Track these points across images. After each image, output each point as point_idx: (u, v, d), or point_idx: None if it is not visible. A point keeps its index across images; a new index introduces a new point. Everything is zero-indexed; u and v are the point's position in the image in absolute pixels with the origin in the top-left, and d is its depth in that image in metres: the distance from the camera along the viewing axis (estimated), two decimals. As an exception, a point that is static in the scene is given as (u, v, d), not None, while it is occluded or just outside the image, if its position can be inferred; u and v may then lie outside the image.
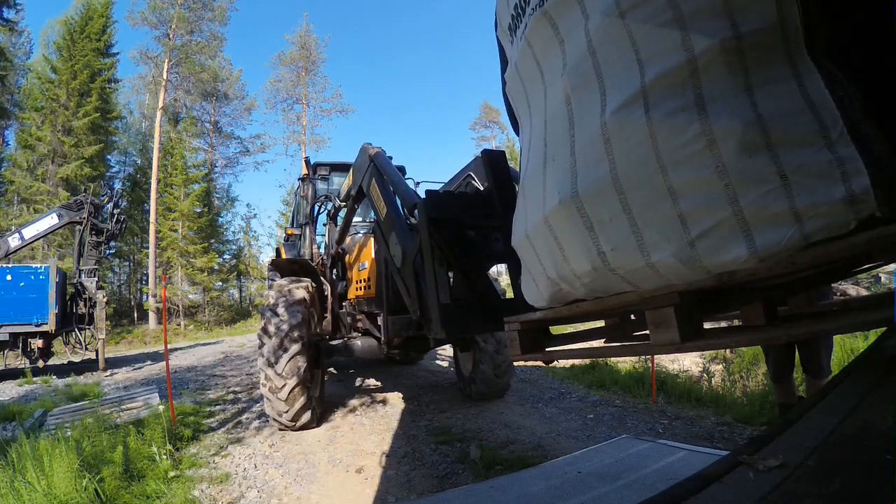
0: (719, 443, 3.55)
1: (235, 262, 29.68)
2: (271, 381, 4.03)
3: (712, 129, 0.76)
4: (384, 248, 2.96)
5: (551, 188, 1.10)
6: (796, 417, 0.74)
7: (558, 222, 1.09)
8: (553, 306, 1.33)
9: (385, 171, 3.03)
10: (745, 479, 0.61)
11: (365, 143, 3.39)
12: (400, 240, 2.66)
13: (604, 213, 0.96)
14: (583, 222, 1.00)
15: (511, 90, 1.45)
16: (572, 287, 1.16)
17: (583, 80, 0.98)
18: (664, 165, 0.82)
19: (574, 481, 2.71)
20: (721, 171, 0.76)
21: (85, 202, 11.07)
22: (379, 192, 3.02)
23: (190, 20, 26.61)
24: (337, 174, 6.25)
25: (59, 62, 22.53)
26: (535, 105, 1.27)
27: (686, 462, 2.79)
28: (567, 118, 1.04)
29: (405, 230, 2.68)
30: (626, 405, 4.77)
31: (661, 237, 0.87)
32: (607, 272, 1.01)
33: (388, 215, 2.88)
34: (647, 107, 0.83)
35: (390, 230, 2.81)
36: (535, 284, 1.36)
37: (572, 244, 1.07)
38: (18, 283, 9.62)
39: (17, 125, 22.86)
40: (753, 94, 0.75)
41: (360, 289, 4.58)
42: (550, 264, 1.19)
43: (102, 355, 10.28)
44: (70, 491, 2.68)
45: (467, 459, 3.45)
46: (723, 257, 0.80)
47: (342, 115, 34.59)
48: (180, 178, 25.31)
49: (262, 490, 3.20)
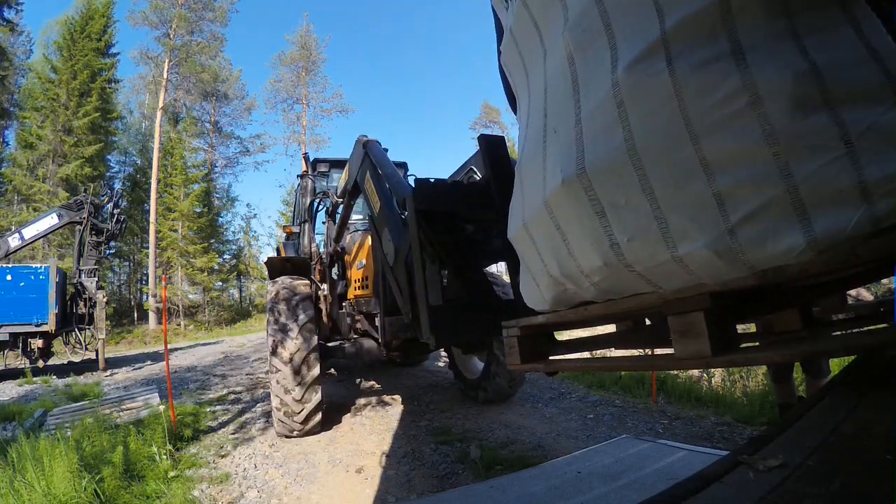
0: (719, 443, 3.55)
1: (235, 262, 29.69)
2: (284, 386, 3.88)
3: (755, 83, 0.62)
4: (378, 246, 2.81)
5: (552, 166, 0.92)
6: (796, 417, 0.74)
7: (561, 207, 0.92)
8: (557, 309, 1.15)
9: (379, 162, 2.91)
10: (745, 479, 0.61)
11: (360, 136, 3.29)
12: (392, 236, 2.49)
13: (618, 194, 0.79)
14: (591, 206, 0.83)
15: (507, 61, 1.29)
16: (579, 287, 0.99)
17: (588, 34, 0.83)
18: (695, 131, 0.67)
19: (574, 481, 2.71)
20: (770, 136, 0.61)
21: (85, 202, 11.07)
22: (373, 185, 2.89)
23: (190, 20, 26.63)
24: (337, 171, 6.06)
25: (59, 62, 22.54)
26: (533, 73, 1.11)
27: (686, 462, 2.79)
28: (570, 81, 0.88)
29: (398, 225, 2.53)
30: (625, 405, 4.77)
31: (692, 224, 0.71)
32: (622, 269, 0.84)
33: (382, 210, 2.73)
34: (669, 59, 0.68)
35: (383, 226, 2.66)
36: (535, 284, 1.19)
37: (579, 234, 0.90)
38: (18, 283, 9.63)
39: (18, 125, 22.88)
40: (802, 40, 0.62)
41: (359, 288, 4.48)
42: (553, 260, 1.02)
43: (102, 355, 10.28)
44: (70, 491, 2.68)
45: (467, 459, 3.45)
46: (772, 248, 0.64)
47: (342, 114, 34.67)
48: (180, 178, 25.32)
49: (262, 490, 3.20)
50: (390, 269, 2.54)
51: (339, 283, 5.22)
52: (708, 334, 0.77)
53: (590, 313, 1.06)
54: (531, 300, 1.27)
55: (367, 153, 3.06)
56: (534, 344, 1.34)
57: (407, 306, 2.32)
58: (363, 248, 4.47)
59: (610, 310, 0.99)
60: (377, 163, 2.93)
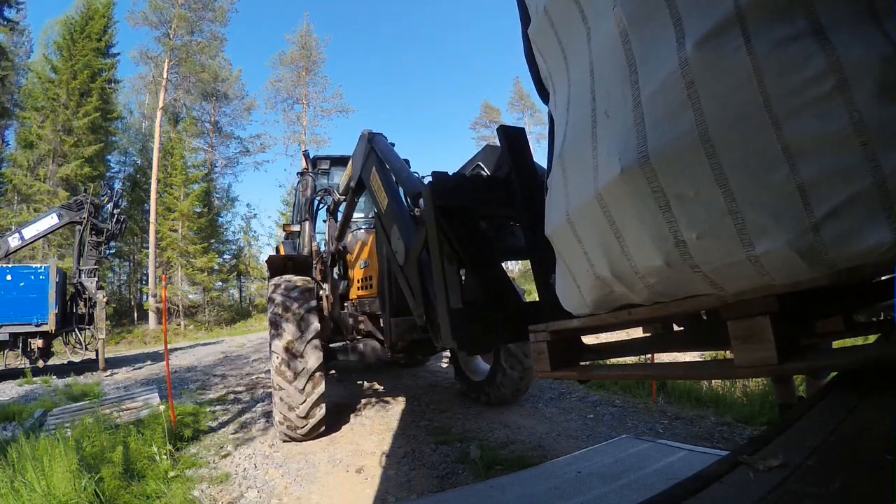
0: (719, 443, 3.55)
1: (235, 262, 29.71)
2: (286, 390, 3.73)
3: (842, 65, 0.57)
4: (386, 244, 2.67)
5: (607, 154, 0.84)
6: (796, 417, 0.73)
7: (617, 200, 0.83)
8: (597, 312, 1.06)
9: (386, 157, 2.79)
10: (745, 479, 0.61)
11: (365, 130, 3.16)
12: (403, 234, 2.37)
13: (686, 186, 0.71)
14: (654, 199, 0.75)
15: (539, 44, 1.20)
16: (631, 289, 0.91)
17: (645, 7, 0.76)
18: (776, 115, 0.61)
19: (574, 481, 2.71)
20: (858, 123, 0.57)
21: (85, 202, 11.08)
22: (380, 181, 2.75)
23: (190, 20, 26.64)
24: (337, 169, 5.92)
25: (59, 62, 22.56)
26: (574, 54, 1.03)
27: (686, 462, 2.79)
28: (624, 60, 0.80)
29: (408, 223, 2.42)
30: (625, 405, 4.77)
31: (772, 219, 0.64)
32: (686, 269, 0.76)
33: (390, 207, 2.60)
34: (746, 35, 0.62)
35: (392, 223, 2.52)
36: (575, 285, 1.09)
37: (637, 231, 0.81)
38: (18, 283, 9.63)
39: (18, 125, 22.89)
40: (883, 22, 0.58)
41: (362, 288, 4.36)
42: (602, 258, 0.93)
43: (102, 355, 10.28)
44: (69, 491, 2.68)
45: (467, 459, 3.45)
46: (856, 246, 0.59)
47: (343, 114, 34.73)
48: (180, 178, 25.32)
49: (261, 490, 3.20)
50: (400, 269, 2.42)
51: (341, 283, 5.07)
52: (774, 339, 0.71)
53: (633, 317, 0.98)
54: (569, 302, 1.16)
55: (372, 148, 2.94)
56: (565, 350, 1.24)
57: (420, 308, 2.20)
58: (366, 247, 4.36)
59: (658, 313, 0.91)
60: (384, 157, 2.81)
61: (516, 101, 39.16)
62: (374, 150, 2.91)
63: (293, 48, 32.66)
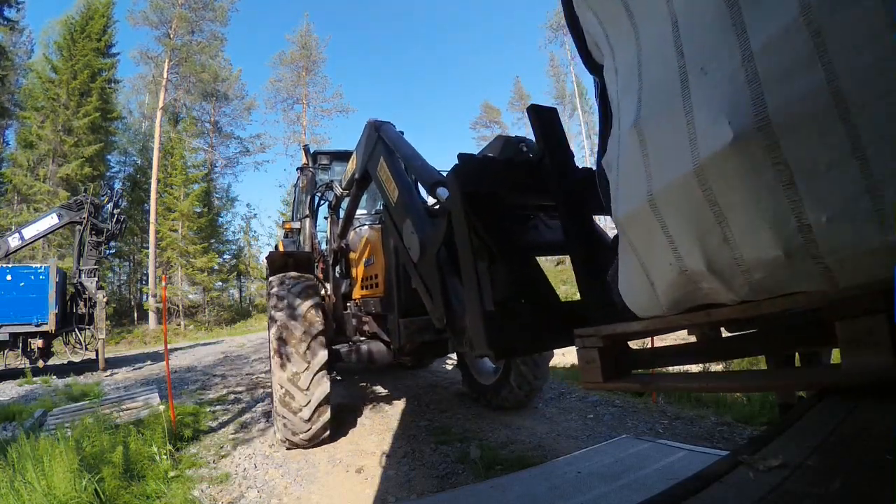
0: (719, 443, 3.55)
1: (235, 262, 29.73)
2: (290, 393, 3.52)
3: None
4: (397, 239, 2.45)
5: (709, 118, 0.69)
6: (796, 417, 0.73)
7: (725, 174, 0.69)
8: (669, 314, 0.92)
9: (396, 145, 2.61)
10: (745, 479, 0.61)
11: (371, 119, 2.95)
12: (417, 227, 2.17)
13: (818, 156, 0.59)
14: (774, 173, 0.63)
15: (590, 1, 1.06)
16: (727, 285, 0.77)
17: None
18: None
19: (574, 481, 2.71)
20: None
21: (85, 202, 11.08)
22: (389, 171, 2.56)
23: (190, 20, 26.65)
24: (339, 163, 5.76)
25: (59, 62, 22.57)
26: (641, 8, 0.90)
27: (686, 462, 2.79)
28: (725, 6, 0.67)
29: (423, 216, 2.23)
30: (626, 405, 4.77)
31: None
32: (807, 259, 0.64)
33: (401, 198, 2.40)
34: None
35: (404, 216, 2.32)
36: (647, 282, 0.93)
37: (749, 212, 0.68)
38: (18, 283, 9.63)
39: (18, 125, 22.90)
40: None
41: (367, 287, 4.11)
42: (695, 248, 0.78)
43: (102, 355, 10.28)
44: (70, 491, 2.68)
45: (467, 459, 3.45)
46: None
47: (343, 114, 34.77)
48: (180, 178, 25.33)
49: (262, 490, 3.20)
50: (413, 266, 2.19)
51: (343, 282, 4.83)
52: (892, 343, 0.60)
53: (712, 318, 0.85)
54: (636, 301, 1.00)
55: (379, 136, 2.74)
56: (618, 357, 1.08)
57: (439, 310, 1.97)
58: (371, 244, 4.11)
59: (745, 314, 0.79)
60: (394, 146, 2.62)
61: (516, 101, 39.13)
62: (382, 138, 2.72)
63: (293, 48, 32.74)
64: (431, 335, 3.28)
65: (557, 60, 35.18)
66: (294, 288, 3.92)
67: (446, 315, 1.94)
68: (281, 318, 3.69)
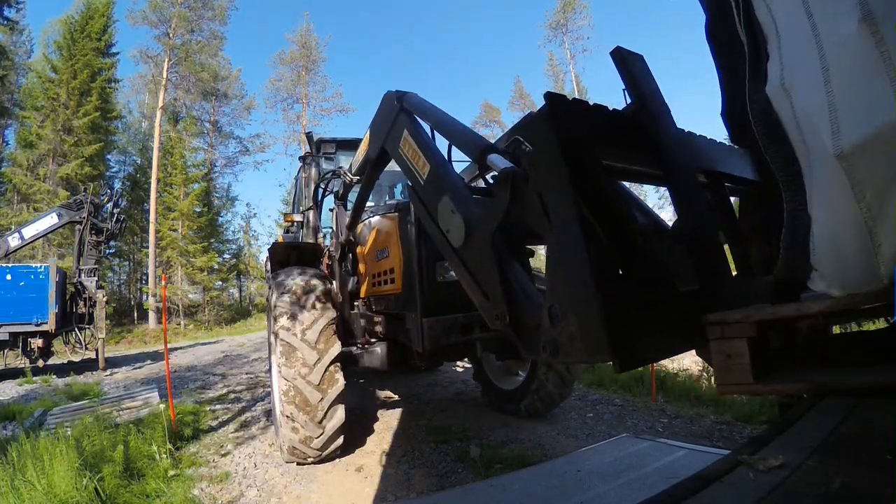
0: (719, 441, 3.56)
1: (235, 261, 29.73)
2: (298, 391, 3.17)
3: None
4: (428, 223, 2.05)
5: None
6: (796, 417, 0.73)
7: None
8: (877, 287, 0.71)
9: (426, 113, 2.26)
10: (745, 479, 0.61)
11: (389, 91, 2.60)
12: (458, 205, 1.80)
13: None
14: None
15: None
16: None
17: None
18: None
19: (574, 480, 2.71)
20: None
21: (85, 201, 11.08)
22: (415, 145, 2.22)
23: (190, 19, 26.61)
24: (344, 153, 5.31)
25: (59, 61, 22.54)
26: None
27: (686, 461, 2.79)
28: None
29: (465, 191, 1.89)
30: (625, 404, 4.77)
31: None
32: None
33: (434, 174, 2.04)
34: None
35: (440, 193, 1.93)
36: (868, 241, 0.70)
37: None
38: (18, 283, 9.63)
39: (18, 124, 22.88)
40: None
41: (379, 284, 3.68)
42: None
43: (102, 355, 10.28)
44: (70, 489, 2.68)
45: (467, 458, 3.45)
46: None
47: (342, 114, 34.61)
48: (180, 177, 25.32)
49: (261, 489, 3.20)
50: (454, 254, 1.82)
51: (350, 280, 4.39)
52: None
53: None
54: (844, 270, 0.76)
55: (402, 108, 2.39)
56: (769, 353, 0.87)
57: (500, 306, 1.54)
58: (385, 235, 3.64)
59: None
60: (422, 115, 2.29)
61: (517, 100, 39.12)
62: (406, 109, 2.38)
63: (293, 47, 32.70)
64: (458, 336, 2.92)
65: (556, 60, 35.12)
66: (300, 277, 3.62)
67: (509, 311, 1.52)
68: (285, 308, 3.37)
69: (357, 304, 4.33)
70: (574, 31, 33.97)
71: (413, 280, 3.05)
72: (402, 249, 3.25)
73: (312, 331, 3.27)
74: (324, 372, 3.20)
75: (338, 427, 3.32)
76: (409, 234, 3.14)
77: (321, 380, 3.19)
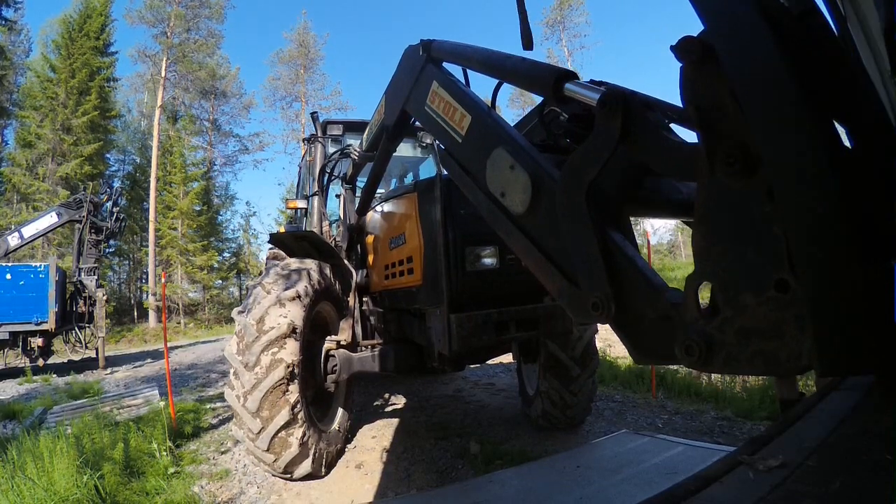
0: (719, 437, 3.56)
1: (235, 259, 29.74)
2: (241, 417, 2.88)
3: None
4: (471, 190, 1.65)
5: None
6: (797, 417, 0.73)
7: None
8: None
9: (465, 56, 1.81)
10: (745, 479, 0.61)
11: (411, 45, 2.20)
12: (519, 158, 1.39)
13: None
14: None
15: None
16: None
17: None
18: None
19: (574, 475, 2.72)
20: None
21: (84, 201, 11.08)
22: (450, 96, 1.79)
23: (187, 18, 26.54)
24: (352, 135, 4.86)
25: (58, 61, 22.48)
26: None
27: (684, 457, 2.80)
28: None
29: (525, 142, 1.45)
30: (625, 400, 4.77)
31: None
32: None
33: (479, 124, 1.63)
34: None
35: (489, 147, 1.51)
36: None
37: None
38: (18, 282, 9.63)
39: (17, 124, 22.85)
40: None
41: (394, 276, 3.19)
42: None
43: (102, 354, 10.30)
44: (70, 487, 2.69)
45: (467, 454, 3.46)
46: None
47: (341, 112, 34.54)
48: (179, 176, 25.30)
49: (261, 486, 3.20)
50: (513, 224, 1.42)
51: (359, 272, 3.92)
52: None
53: None
54: None
55: (430, 58, 2.00)
56: None
57: (604, 288, 1.09)
58: (400, 218, 3.12)
59: None
60: (462, 59, 1.84)
61: (517, 98, 39.01)
62: (434, 59, 1.98)
63: (291, 46, 32.62)
64: (492, 336, 2.51)
65: (556, 58, 34.98)
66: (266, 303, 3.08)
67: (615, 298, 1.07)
68: (232, 352, 3.01)
69: (365, 299, 3.92)
70: (571, 28, 33.92)
71: (437, 270, 2.54)
72: (421, 234, 2.75)
73: (253, 397, 2.78)
74: (271, 440, 2.80)
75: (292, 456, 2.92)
76: (431, 215, 2.63)
77: (269, 446, 2.82)
